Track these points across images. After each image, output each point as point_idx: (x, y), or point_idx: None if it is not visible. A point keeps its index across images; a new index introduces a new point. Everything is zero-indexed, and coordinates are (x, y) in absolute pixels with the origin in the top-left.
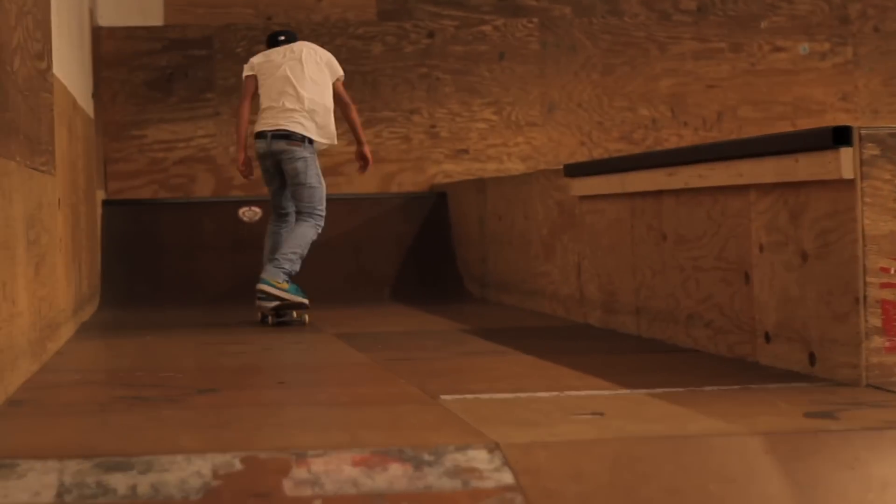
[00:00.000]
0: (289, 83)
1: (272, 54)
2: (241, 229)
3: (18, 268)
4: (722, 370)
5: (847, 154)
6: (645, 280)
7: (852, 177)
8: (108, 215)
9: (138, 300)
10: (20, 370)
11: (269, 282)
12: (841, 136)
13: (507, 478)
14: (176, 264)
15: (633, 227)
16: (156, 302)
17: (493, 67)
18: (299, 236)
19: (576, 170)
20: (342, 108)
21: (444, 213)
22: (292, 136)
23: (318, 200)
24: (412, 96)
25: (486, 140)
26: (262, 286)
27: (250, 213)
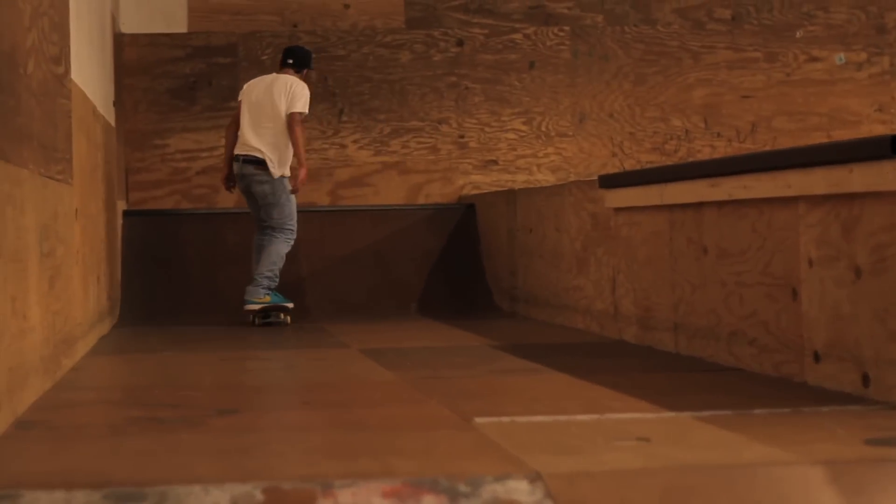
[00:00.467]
0: (260, 113)
1: (258, 82)
2: None
3: (31, 281)
4: (769, 391)
5: None
6: (684, 295)
7: None
8: (129, 226)
9: (159, 313)
10: (31, 388)
11: (252, 301)
12: None
13: None
14: (198, 277)
15: (672, 241)
16: (177, 315)
17: (524, 76)
18: (272, 253)
19: (611, 181)
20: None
21: (472, 225)
22: (258, 162)
23: (288, 217)
24: (440, 106)
25: (515, 151)
26: (247, 306)
27: None
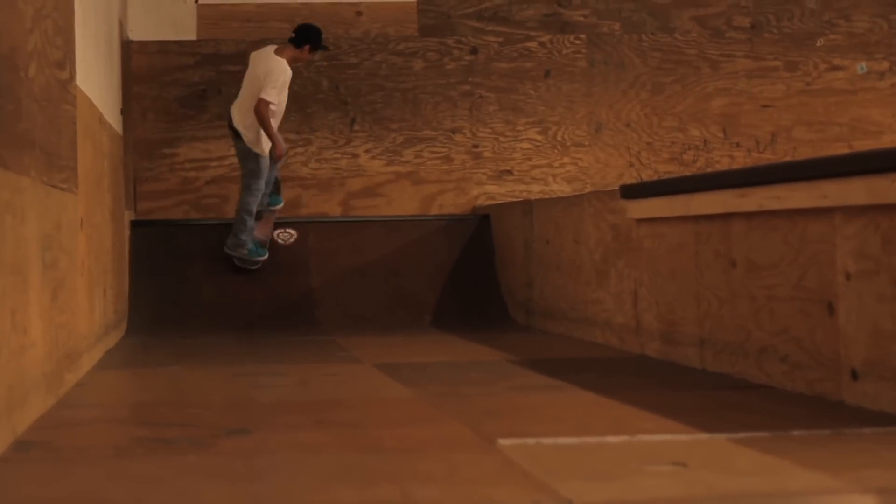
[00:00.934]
0: (245, 87)
1: (257, 53)
2: (276, 252)
3: (31, 294)
4: (804, 411)
5: None
6: (711, 309)
7: None
8: (137, 237)
9: (167, 326)
10: (32, 406)
11: (229, 250)
12: None
13: None
14: (207, 288)
15: (698, 253)
16: (186, 328)
17: (539, 85)
18: (240, 202)
19: (634, 191)
20: None
21: (487, 236)
22: (238, 135)
23: (253, 178)
24: (454, 115)
25: (530, 161)
26: (227, 252)
27: (285, 236)
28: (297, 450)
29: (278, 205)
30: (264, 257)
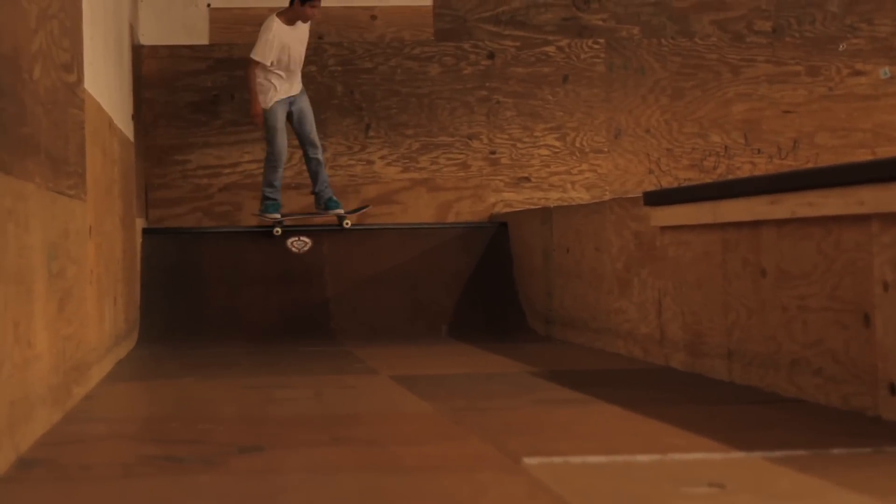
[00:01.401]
0: None
1: None
2: (290, 260)
3: (36, 304)
4: (841, 427)
5: None
6: (739, 320)
7: None
8: (149, 245)
9: (179, 335)
10: (37, 422)
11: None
12: None
13: None
14: (220, 297)
15: (726, 262)
16: (198, 337)
17: (557, 90)
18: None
19: (658, 198)
20: None
21: (504, 244)
22: None
23: (267, 144)
24: (471, 120)
25: (548, 167)
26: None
27: (299, 244)
28: (313, 469)
29: (337, 209)
30: (275, 215)
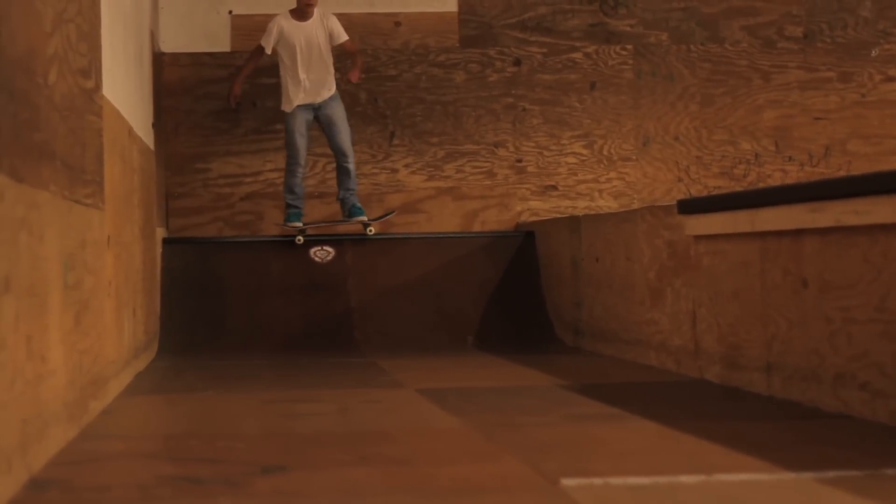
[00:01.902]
0: None
1: None
2: (313, 270)
3: (51, 317)
4: (892, 445)
5: None
6: (779, 332)
7: None
8: (169, 255)
9: (200, 347)
10: (52, 439)
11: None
12: None
13: None
14: (241, 308)
15: (764, 272)
16: (219, 349)
17: (584, 98)
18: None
19: (692, 206)
20: None
21: (531, 253)
22: None
23: (287, 146)
24: (497, 128)
25: (575, 175)
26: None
27: (322, 253)
28: (341, 491)
29: (360, 216)
30: (297, 224)
